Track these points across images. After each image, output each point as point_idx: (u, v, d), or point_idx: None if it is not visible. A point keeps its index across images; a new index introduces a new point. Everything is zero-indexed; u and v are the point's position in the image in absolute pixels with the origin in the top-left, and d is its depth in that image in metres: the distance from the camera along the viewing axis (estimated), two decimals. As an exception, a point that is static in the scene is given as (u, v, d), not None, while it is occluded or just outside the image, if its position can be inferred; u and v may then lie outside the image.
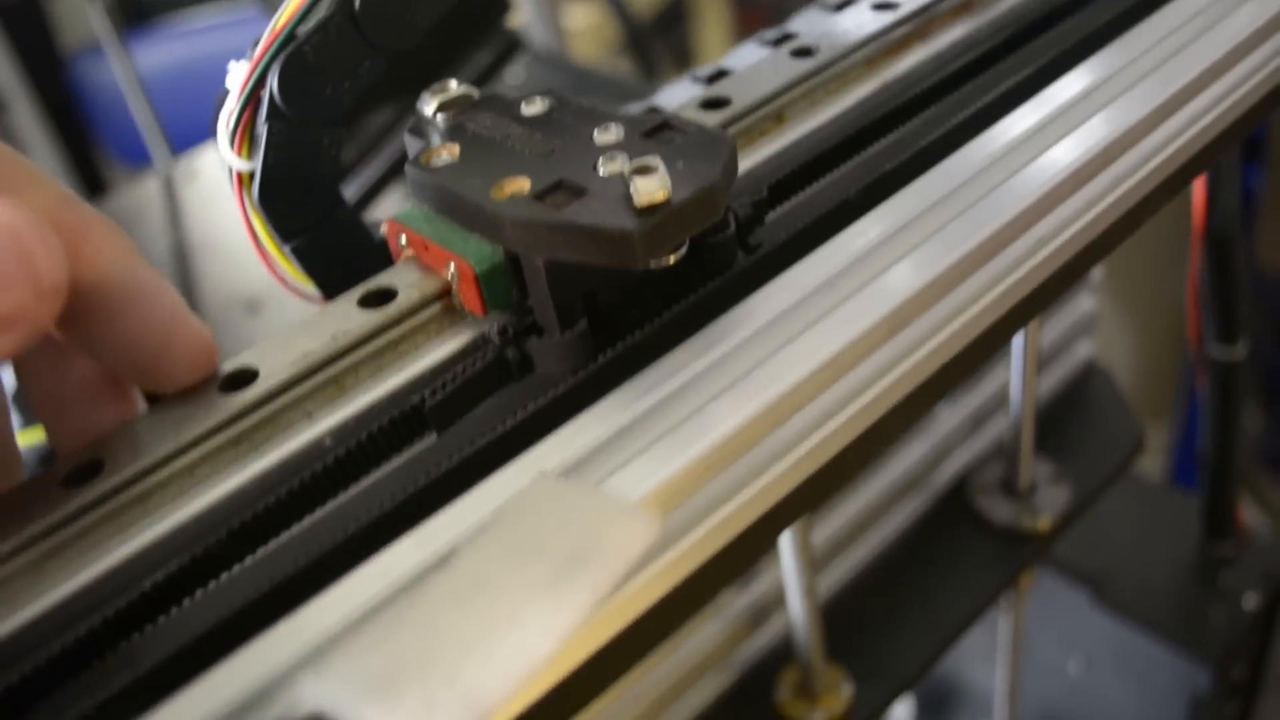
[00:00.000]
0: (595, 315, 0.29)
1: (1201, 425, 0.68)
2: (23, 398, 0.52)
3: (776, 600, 0.49)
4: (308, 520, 0.27)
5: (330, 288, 0.35)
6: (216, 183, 0.73)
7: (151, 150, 0.71)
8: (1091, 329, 0.60)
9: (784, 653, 0.50)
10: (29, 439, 0.54)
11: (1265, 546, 0.73)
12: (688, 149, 0.28)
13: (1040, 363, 0.59)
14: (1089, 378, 0.60)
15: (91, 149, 1.42)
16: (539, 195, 0.28)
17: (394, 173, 0.64)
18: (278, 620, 0.23)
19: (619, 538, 0.23)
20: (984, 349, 0.30)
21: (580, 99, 0.31)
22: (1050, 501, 0.54)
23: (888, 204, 0.30)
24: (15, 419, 0.53)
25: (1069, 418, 0.58)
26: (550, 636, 0.22)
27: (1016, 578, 0.54)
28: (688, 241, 0.28)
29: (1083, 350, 0.61)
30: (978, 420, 0.57)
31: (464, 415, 0.28)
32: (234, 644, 0.24)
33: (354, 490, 0.28)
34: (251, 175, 0.33)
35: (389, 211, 0.35)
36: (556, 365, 0.29)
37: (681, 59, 1.87)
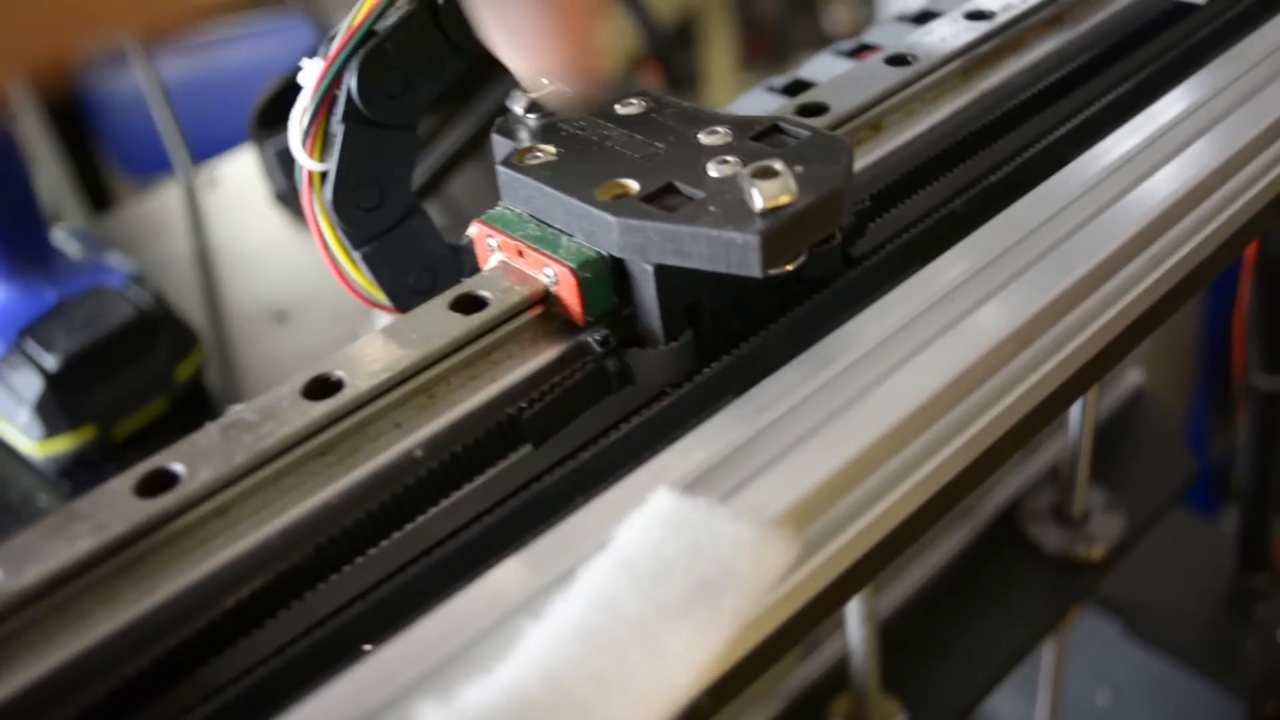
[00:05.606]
0: (700, 326, 0.28)
1: (1206, 445, 0.66)
2: (57, 401, 0.50)
3: (827, 627, 0.48)
4: (399, 535, 0.25)
5: (399, 297, 0.33)
6: (238, 191, 0.71)
7: (173, 158, 0.69)
8: (1141, 355, 0.60)
9: (835, 681, 0.48)
10: (50, 449, 0.52)
11: (1300, 581, 0.72)
12: (804, 153, 0.26)
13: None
14: (1139, 403, 0.59)
15: (97, 160, 1.39)
16: (648, 198, 0.26)
17: (434, 183, 0.64)
18: (384, 641, 0.22)
19: (757, 560, 0.21)
20: (1093, 374, 0.29)
21: (679, 100, 0.30)
22: (1104, 530, 0.53)
23: (995, 222, 0.29)
24: (38, 428, 0.51)
25: (1121, 445, 0.57)
26: (691, 665, 0.20)
27: (1069, 607, 0.52)
28: (806, 250, 0.27)
29: (1133, 376, 0.60)
30: (1029, 446, 0.56)
31: (563, 427, 0.27)
32: (329, 666, 0.22)
33: (448, 505, 0.26)
34: (323, 177, 0.31)
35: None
36: (660, 377, 0.27)
37: (689, 82, 1.87)
